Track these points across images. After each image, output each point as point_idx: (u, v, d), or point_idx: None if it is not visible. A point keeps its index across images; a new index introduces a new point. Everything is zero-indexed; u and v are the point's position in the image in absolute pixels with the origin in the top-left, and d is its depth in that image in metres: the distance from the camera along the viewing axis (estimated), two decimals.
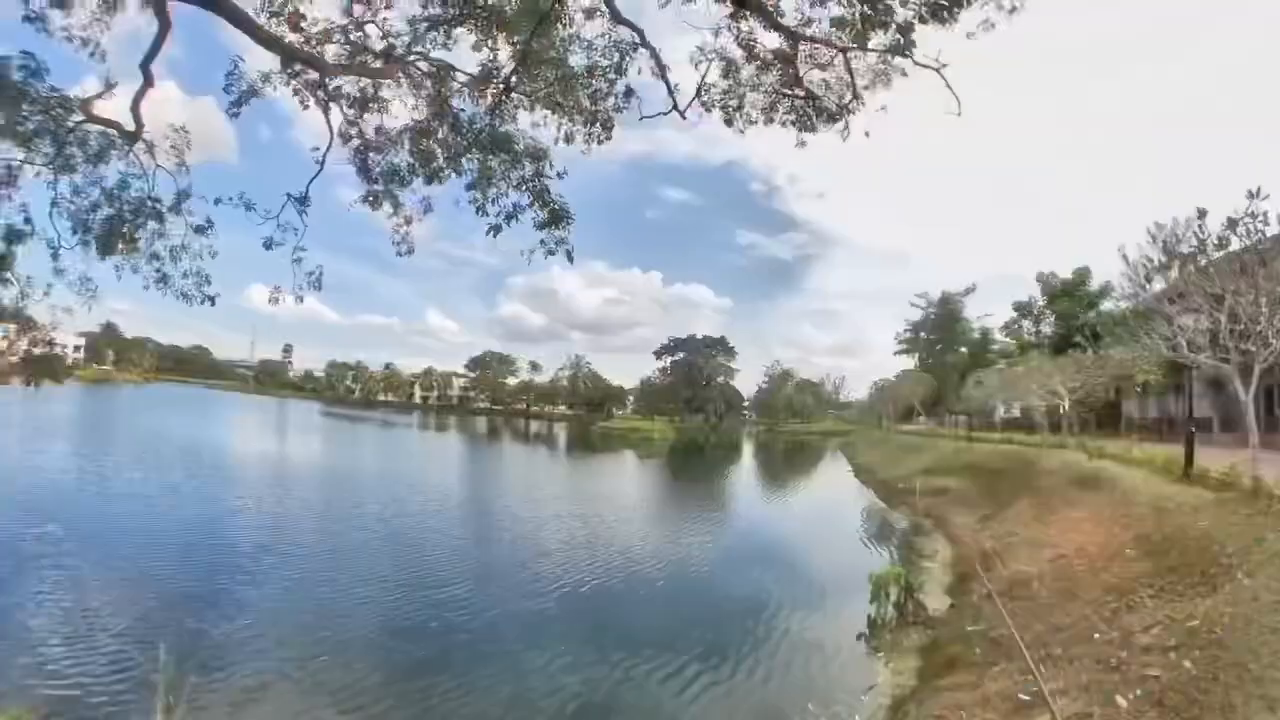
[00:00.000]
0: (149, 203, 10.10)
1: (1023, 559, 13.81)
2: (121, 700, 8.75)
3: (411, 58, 11.19)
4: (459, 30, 11.07)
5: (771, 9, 9.34)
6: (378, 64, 11.08)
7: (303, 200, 10.75)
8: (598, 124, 10.10)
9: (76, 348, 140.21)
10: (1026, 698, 6.52)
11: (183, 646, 10.20)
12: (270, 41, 9.08)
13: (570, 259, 9.64)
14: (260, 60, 10.69)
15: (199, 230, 10.27)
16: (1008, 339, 76.43)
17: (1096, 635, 7.15)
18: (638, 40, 9.64)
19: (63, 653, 10.15)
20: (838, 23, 9.21)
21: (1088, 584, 9.91)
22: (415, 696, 9.61)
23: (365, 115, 11.98)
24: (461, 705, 9.49)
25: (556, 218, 9.54)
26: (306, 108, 11.75)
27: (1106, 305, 55.10)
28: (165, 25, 8.84)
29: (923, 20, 8.40)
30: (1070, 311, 60.58)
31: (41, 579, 13.32)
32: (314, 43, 11.23)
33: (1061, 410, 30.69)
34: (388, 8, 11.35)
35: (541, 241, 9.71)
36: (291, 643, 11.26)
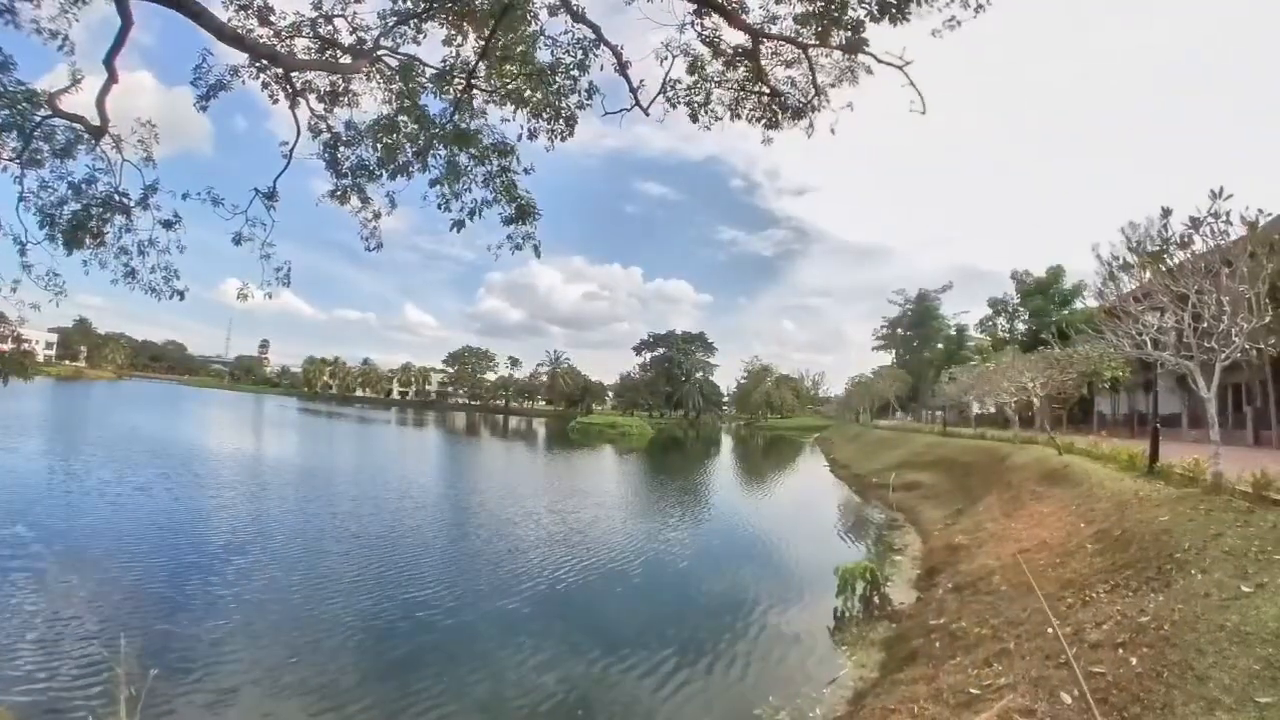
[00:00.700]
0: (116, 197, 10.05)
1: (989, 553, 13.97)
2: (87, 700, 8.63)
3: (380, 52, 11.15)
4: (429, 25, 11.07)
5: (734, 7, 9.38)
6: (346, 59, 11.04)
7: (270, 195, 10.72)
8: (561, 120, 10.08)
9: (49, 344, 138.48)
10: (977, 691, 6.62)
11: (152, 648, 10.11)
12: (234, 39, 9.00)
13: (537, 254, 9.70)
14: (232, 51, 10.62)
15: (167, 225, 10.26)
16: (983, 335, 77.44)
17: (1050, 630, 7.24)
18: (594, 37, 9.65)
19: (28, 656, 9.98)
20: (801, 20, 9.26)
21: (1047, 578, 10.04)
22: (389, 698, 9.53)
23: (336, 109, 11.95)
24: (437, 707, 9.41)
25: (524, 213, 9.55)
26: (276, 102, 11.75)
27: (1081, 303, 56.03)
28: (127, 22, 8.76)
29: (874, 19, 8.47)
30: (1043, 309, 61.49)
31: (8, 582, 13.09)
32: (283, 36, 11.18)
33: (1035, 406, 31.05)
34: (358, 1, 11.32)
35: (509, 236, 9.73)
36: (263, 644, 11.13)
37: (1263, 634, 5.63)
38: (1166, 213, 13.68)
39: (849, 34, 8.89)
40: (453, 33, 10.83)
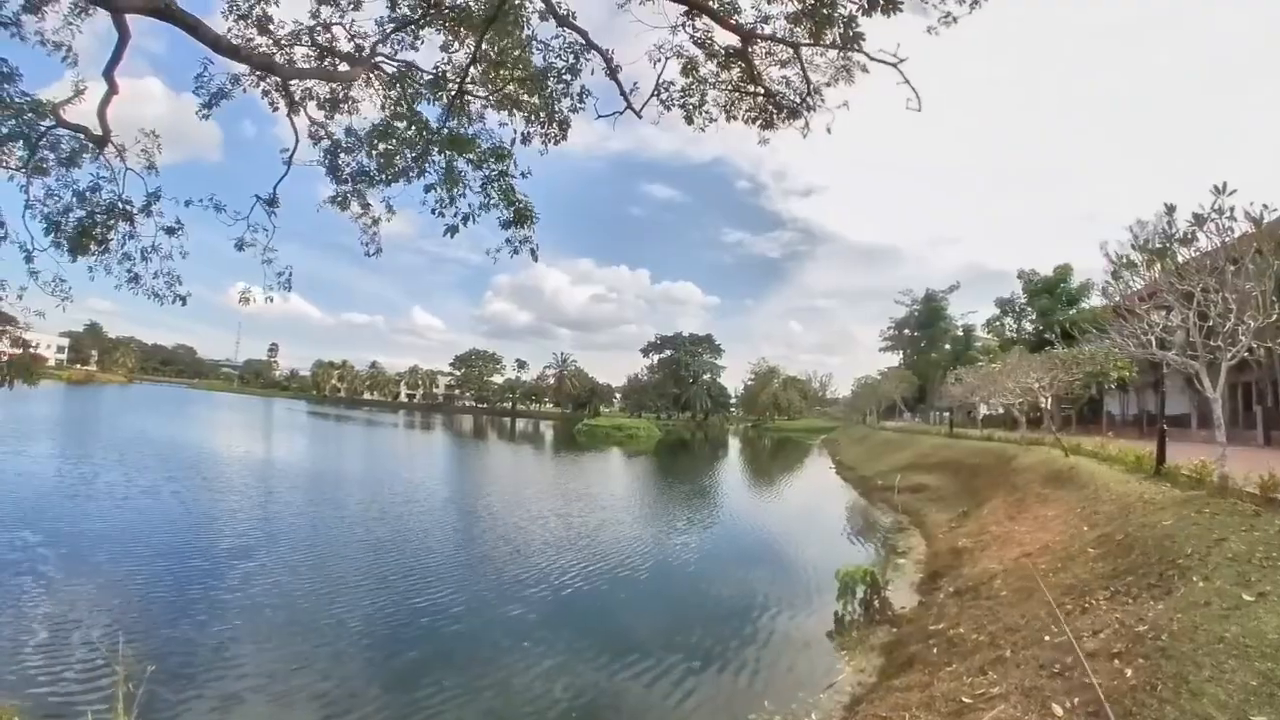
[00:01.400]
0: (119, 204, 10.11)
1: (992, 557, 13.86)
2: (87, 699, 8.67)
3: (378, 59, 11.18)
4: (426, 31, 11.10)
5: (725, 8, 9.35)
6: (344, 66, 11.07)
7: (271, 201, 10.78)
8: (554, 124, 10.09)
9: (60, 348, 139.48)
10: (969, 701, 6.53)
11: (155, 651, 10.11)
12: (230, 50, 9.04)
13: (535, 257, 9.65)
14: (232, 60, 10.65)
15: (169, 231, 10.30)
16: (990, 336, 77.01)
17: (1047, 638, 7.13)
18: (584, 42, 9.66)
19: (31, 656, 10.13)
20: (792, 19, 9.23)
21: (1048, 584, 9.91)
22: (394, 706, 9.54)
23: (336, 116, 12.01)
24: (443, 715, 9.42)
25: (521, 217, 9.53)
26: (276, 110, 11.79)
27: (1090, 302, 55.73)
28: (125, 35, 8.82)
29: (865, 12, 8.39)
30: (1050, 308, 61.14)
31: (14, 585, 13.19)
32: (282, 45, 11.25)
33: (1043, 406, 30.81)
34: (356, 9, 11.36)
35: (507, 240, 9.71)
36: (268, 648, 11.17)
37: (1262, 647, 5.48)
38: (1170, 209, 13.54)
39: (842, 30, 8.84)
40: (450, 39, 10.85)
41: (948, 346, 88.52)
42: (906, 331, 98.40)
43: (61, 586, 13.37)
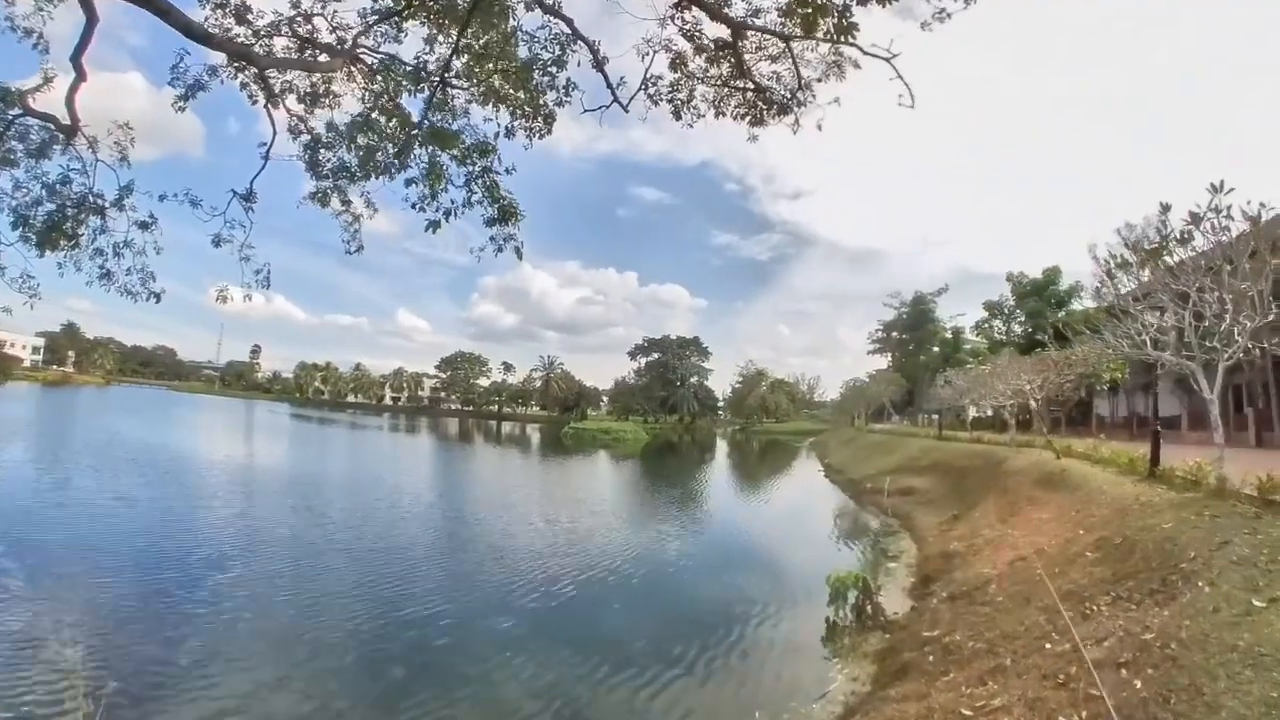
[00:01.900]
0: (90, 198, 9.85)
1: (985, 560, 13.67)
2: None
3: (360, 51, 10.95)
4: (410, 24, 10.87)
5: (716, 0, 9.16)
6: (324, 58, 10.82)
7: (248, 197, 10.53)
8: (539, 118, 9.86)
9: (35, 349, 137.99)
10: (969, 713, 6.26)
11: (124, 669, 9.88)
12: (203, 37, 8.74)
13: (519, 255, 9.44)
14: (212, 51, 10.39)
15: (143, 226, 10.07)
16: (978, 338, 77.36)
17: (1048, 646, 6.88)
18: (570, 32, 9.45)
19: None
20: (785, 10, 9.04)
21: (1045, 589, 9.70)
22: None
23: (316, 110, 11.76)
24: None
25: (506, 214, 9.29)
26: (255, 103, 11.53)
27: (1079, 304, 56.03)
28: (92, 18, 8.54)
29: (860, 2, 8.21)
30: (1039, 310, 61.44)
31: None
32: (261, 35, 11.01)
33: (1033, 408, 30.77)
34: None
35: (491, 238, 9.49)
36: (244, 666, 10.71)
37: (1278, 655, 5.24)
38: (1165, 208, 13.43)
39: (836, 20, 8.65)
40: (434, 32, 10.60)
41: (936, 349, 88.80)
42: (895, 334, 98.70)
43: (24, 599, 12.83)
